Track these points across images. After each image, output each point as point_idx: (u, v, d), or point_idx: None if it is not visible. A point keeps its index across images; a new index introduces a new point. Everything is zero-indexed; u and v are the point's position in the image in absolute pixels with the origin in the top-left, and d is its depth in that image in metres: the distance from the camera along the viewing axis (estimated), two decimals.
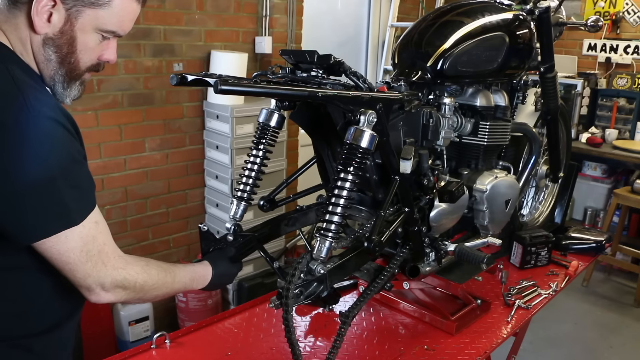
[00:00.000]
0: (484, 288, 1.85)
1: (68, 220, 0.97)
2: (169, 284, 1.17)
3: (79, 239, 0.99)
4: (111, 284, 1.05)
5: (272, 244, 3.05)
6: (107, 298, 1.06)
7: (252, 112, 2.97)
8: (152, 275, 1.13)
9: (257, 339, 1.57)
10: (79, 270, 1.01)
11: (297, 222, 1.62)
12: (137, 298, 1.13)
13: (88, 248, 1.01)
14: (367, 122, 1.20)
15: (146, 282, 1.11)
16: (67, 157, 0.97)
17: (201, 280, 1.29)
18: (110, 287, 1.05)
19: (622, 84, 4.49)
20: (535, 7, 1.74)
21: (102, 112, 2.77)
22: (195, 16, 3.01)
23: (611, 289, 4.08)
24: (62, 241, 0.98)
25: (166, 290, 1.18)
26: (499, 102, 1.69)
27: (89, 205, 1.02)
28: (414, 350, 1.52)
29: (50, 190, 0.95)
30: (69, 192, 0.97)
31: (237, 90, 1.09)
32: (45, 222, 0.96)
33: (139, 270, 1.10)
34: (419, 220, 1.49)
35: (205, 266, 1.31)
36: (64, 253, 0.99)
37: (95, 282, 1.03)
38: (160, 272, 1.16)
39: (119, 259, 1.07)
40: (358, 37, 4.34)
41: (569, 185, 2.32)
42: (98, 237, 1.03)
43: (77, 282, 1.03)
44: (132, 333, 2.86)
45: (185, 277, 1.23)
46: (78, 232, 0.99)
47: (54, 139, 0.95)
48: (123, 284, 1.07)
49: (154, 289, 1.13)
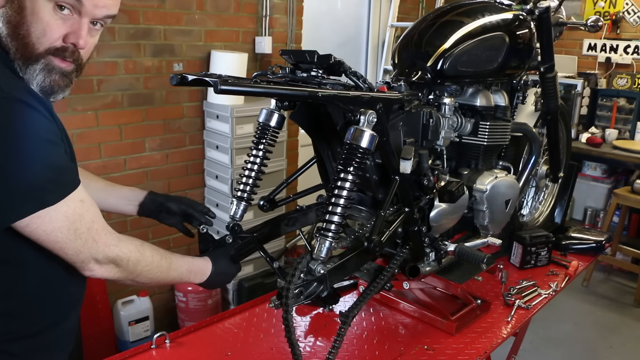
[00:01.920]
0: (484, 288, 1.85)
1: (42, 200, 0.95)
2: (164, 268, 1.16)
3: (64, 218, 0.98)
4: (104, 259, 1.04)
5: (272, 244, 3.05)
6: (100, 272, 1.05)
7: (252, 112, 2.97)
8: (146, 255, 1.12)
9: (257, 339, 1.57)
10: (69, 248, 1.00)
11: (297, 222, 1.62)
12: (132, 278, 1.12)
13: (76, 226, 1.00)
14: (367, 122, 1.20)
15: (139, 261, 1.10)
16: (39, 140, 0.95)
17: (199, 274, 1.27)
18: (103, 262, 1.04)
19: (622, 84, 4.49)
20: (535, 7, 1.74)
21: (102, 112, 2.77)
22: (195, 16, 3.01)
23: (611, 289, 4.08)
24: (46, 222, 0.96)
25: (161, 275, 1.16)
26: (499, 102, 1.69)
27: (68, 184, 1.00)
28: (414, 350, 1.52)
29: (20, 173, 0.93)
30: (42, 173, 0.95)
31: (237, 90, 1.09)
32: (17, 204, 0.94)
33: (132, 249, 1.09)
34: (419, 220, 1.49)
35: (205, 261, 1.29)
36: (50, 233, 0.98)
37: (88, 258, 1.03)
38: (155, 254, 1.14)
39: (110, 236, 1.06)
40: (358, 37, 4.34)
41: (569, 185, 2.32)
42: (85, 215, 1.01)
43: (69, 260, 1.03)
44: (132, 333, 2.86)
45: (182, 266, 1.22)
46: (63, 212, 0.98)
47: (22, 121, 0.92)
48: (115, 260, 1.06)
49: (147, 270, 1.12)
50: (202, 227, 1.41)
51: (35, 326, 1.09)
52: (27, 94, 0.96)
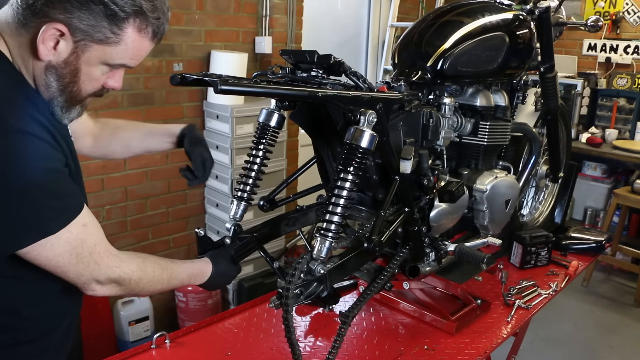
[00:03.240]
0: (484, 288, 1.85)
1: (43, 230, 0.96)
2: (165, 280, 1.18)
3: (66, 244, 0.99)
4: (106, 280, 1.06)
5: (272, 244, 3.05)
6: (102, 292, 1.07)
7: (252, 112, 2.97)
8: (147, 272, 1.14)
9: (257, 339, 1.57)
10: (71, 272, 1.02)
11: (297, 222, 1.62)
12: (134, 293, 1.16)
13: (77, 251, 1.01)
14: (367, 122, 1.20)
15: (141, 279, 1.12)
16: (41, 169, 0.95)
17: (200, 277, 1.29)
18: (105, 283, 1.06)
19: (622, 84, 4.49)
20: (535, 7, 1.74)
21: (102, 112, 2.77)
22: (195, 16, 3.01)
23: (611, 289, 4.08)
24: (47, 249, 0.97)
25: (162, 286, 1.19)
26: (499, 102, 1.69)
27: (72, 211, 1.01)
28: (414, 350, 1.52)
29: (23, 202, 0.94)
30: (45, 202, 0.96)
31: (237, 90, 1.09)
32: (19, 234, 0.95)
33: (134, 268, 1.11)
34: (419, 220, 1.49)
35: (205, 263, 1.31)
36: (52, 259, 0.99)
37: (90, 279, 1.04)
38: (156, 269, 1.16)
39: (112, 258, 1.07)
40: (358, 37, 4.34)
41: (569, 185, 2.32)
42: (87, 240, 1.02)
43: (71, 281, 1.04)
44: (132, 333, 2.86)
45: (182, 273, 1.24)
46: (65, 238, 0.99)
47: (25, 152, 0.93)
48: (117, 281, 1.08)
49: (149, 285, 1.15)
50: (199, 230, 1.40)
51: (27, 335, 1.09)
52: (34, 123, 0.96)
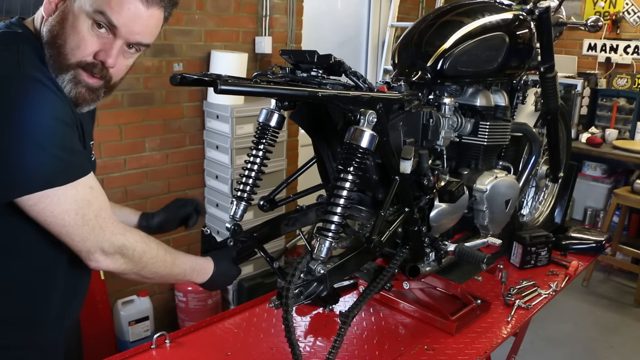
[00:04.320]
0: (484, 288, 1.85)
1: (52, 180, 0.97)
2: (168, 262, 1.17)
3: (73, 202, 0.99)
4: (110, 247, 1.05)
5: (272, 244, 3.05)
6: (106, 264, 1.06)
7: (252, 112, 2.97)
8: (151, 247, 1.13)
9: (257, 339, 1.57)
10: (76, 234, 1.01)
11: (297, 222, 1.62)
12: (136, 271, 1.12)
13: (83, 212, 1.00)
14: (367, 122, 1.20)
15: (145, 252, 1.11)
16: (53, 118, 0.97)
17: (202, 273, 1.28)
18: (110, 252, 1.05)
19: (622, 84, 4.49)
20: (535, 7, 1.74)
21: (102, 112, 2.77)
22: (195, 16, 3.01)
23: (611, 289, 4.08)
24: (54, 202, 0.97)
25: (165, 269, 1.17)
26: (499, 102, 1.69)
27: (79, 169, 1.01)
28: (414, 350, 1.52)
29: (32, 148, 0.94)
30: (54, 152, 0.97)
31: (237, 90, 1.09)
32: (26, 180, 0.95)
33: (138, 239, 1.10)
34: (419, 220, 1.49)
35: (207, 261, 1.30)
36: (57, 215, 0.98)
37: (95, 246, 1.03)
38: (160, 248, 1.15)
39: (117, 225, 1.07)
40: (358, 37, 4.34)
41: (569, 185, 2.32)
42: (93, 202, 1.02)
43: (76, 247, 1.03)
44: (132, 333, 2.86)
45: (185, 263, 1.23)
46: (72, 195, 0.99)
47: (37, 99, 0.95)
48: (122, 250, 1.06)
49: (152, 263, 1.13)
50: (205, 229, 1.41)
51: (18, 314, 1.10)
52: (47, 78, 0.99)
